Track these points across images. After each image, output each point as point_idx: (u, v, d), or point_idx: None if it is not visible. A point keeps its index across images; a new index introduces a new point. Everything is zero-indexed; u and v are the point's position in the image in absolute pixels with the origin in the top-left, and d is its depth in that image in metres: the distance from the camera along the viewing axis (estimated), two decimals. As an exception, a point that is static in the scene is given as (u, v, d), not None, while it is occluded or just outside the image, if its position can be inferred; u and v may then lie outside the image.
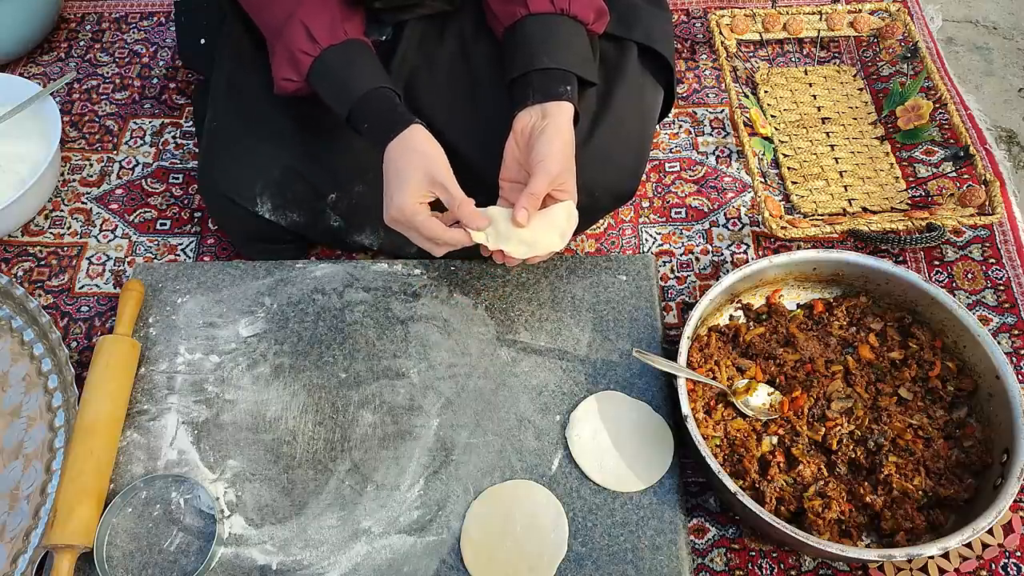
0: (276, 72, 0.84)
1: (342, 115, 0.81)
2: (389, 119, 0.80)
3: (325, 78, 0.82)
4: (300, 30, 0.81)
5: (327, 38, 0.81)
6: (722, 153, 1.13)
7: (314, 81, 0.82)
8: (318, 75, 0.82)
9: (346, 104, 0.81)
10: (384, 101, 0.81)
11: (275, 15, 0.83)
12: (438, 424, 0.85)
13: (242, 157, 0.91)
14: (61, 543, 0.75)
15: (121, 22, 1.32)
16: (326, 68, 0.81)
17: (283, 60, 0.82)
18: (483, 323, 0.91)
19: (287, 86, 0.84)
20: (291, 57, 0.82)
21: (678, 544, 0.77)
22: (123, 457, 0.83)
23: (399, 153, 0.78)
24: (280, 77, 0.84)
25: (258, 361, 0.89)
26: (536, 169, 0.78)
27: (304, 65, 0.82)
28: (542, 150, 0.78)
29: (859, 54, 1.23)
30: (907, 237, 0.95)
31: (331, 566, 0.77)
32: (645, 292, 0.93)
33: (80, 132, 1.18)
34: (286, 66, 0.82)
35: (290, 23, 0.81)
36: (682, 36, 1.27)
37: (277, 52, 0.83)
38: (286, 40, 0.81)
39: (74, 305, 1.00)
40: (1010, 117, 1.23)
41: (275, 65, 0.84)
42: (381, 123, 0.80)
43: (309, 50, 0.81)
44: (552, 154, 0.78)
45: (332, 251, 1.02)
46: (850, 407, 0.83)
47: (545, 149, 0.78)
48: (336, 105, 0.82)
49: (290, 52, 0.81)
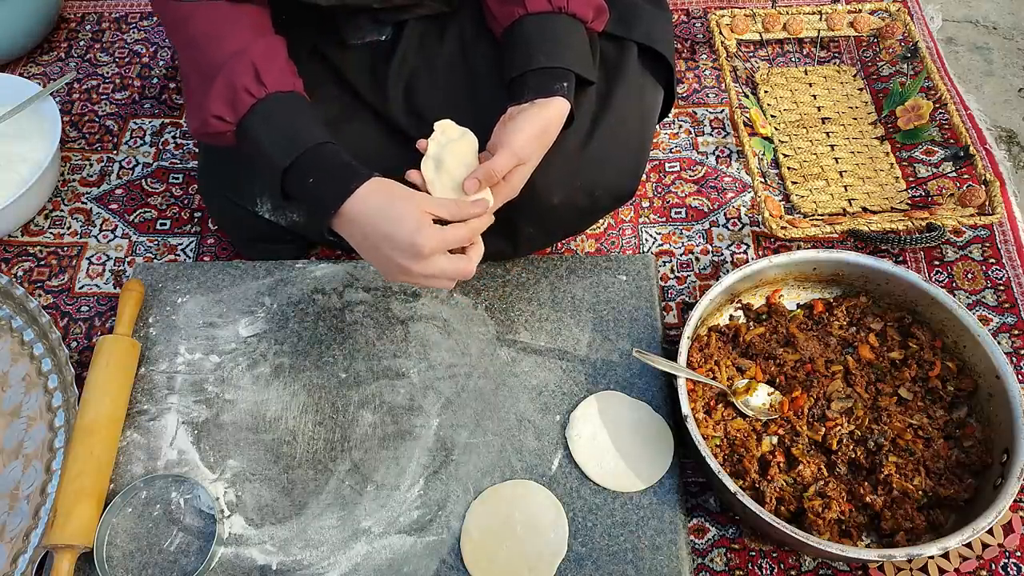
0: (207, 108, 0.74)
1: (280, 164, 0.73)
2: (346, 171, 0.73)
3: (267, 123, 0.73)
4: (248, 68, 0.73)
5: (275, 84, 0.74)
6: (722, 153, 1.13)
7: (252, 124, 0.73)
8: (258, 118, 0.73)
9: (291, 153, 0.72)
10: (338, 155, 0.74)
11: (220, 51, 0.74)
12: (438, 424, 0.85)
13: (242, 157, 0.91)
14: (61, 543, 0.75)
15: (121, 22, 1.32)
16: (269, 113, 0.74)
17: (219, 96, 0.73)
18: (483, 323, 0.91)
19: (215, 126, 0.74)
20: (231, 94, 0.73)
21: (678, 544, 0.78)
22: (123, 457, 0.83)
23: (379, 199, 0.71)
24: (211, 114, 0.74)
25: (258, 361, 0.89)
26: (503, 146, 0.75)
27: (244, 106, 0.73)
28: (514, 128, 0.75)
29: (859, 54, 1.23)
30: (907, 237, 0.95)
31: (331, 566, 0.77)
32: (645, 292, 0.93)
33: (80, 132, 1.18)
34: (221, 103, 0.73)
35: (238, 59, 0.73)
36: (682, 36, 1.27)
37: (215, 87, 0.73)
38: (229, 75, 0.73)
39: (74, 305, 1.00)
40: (1010, 117, 1.23)
41: (209, 101, 0.73)
42: (336, 174, 0.73)
43: (254, 90, 0.73)
44: (523, 135, 0.75)
45: (332, 251, 1.02)
46: (850, 407, 0.83)
47: (518, 129, 0.75)
48: (276, 153, 0.73)
49: (231, 88, 0.73)
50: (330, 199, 0.72)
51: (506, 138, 0.75)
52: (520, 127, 0.75)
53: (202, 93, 0.74)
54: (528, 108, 0.77)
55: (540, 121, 0.76)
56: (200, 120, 0.75)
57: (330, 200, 0.72)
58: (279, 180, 0.74)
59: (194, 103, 0.76)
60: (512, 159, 0.75)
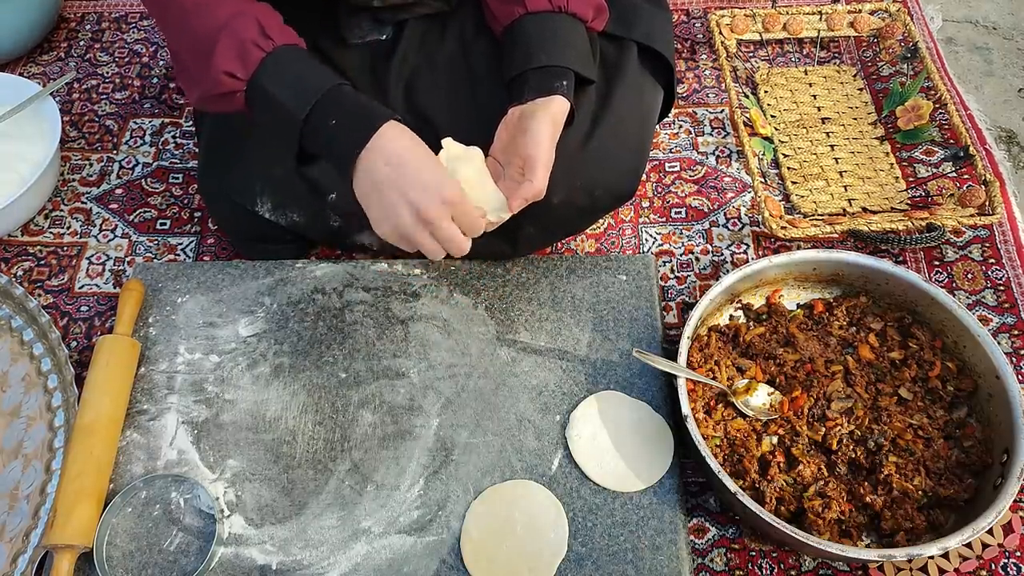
0: (216, 67, 0.72)
1: (298, 114, 0.72)
2: (367, 111, 0.72)
3: (279, 75, 0.72)
4: (253, 23, 0.72)
5: (281, 38, 0.73)
6: (722, 153, 1.13)
7: (264, 77, 0.72)
8: (269, 72, 0.72)
9: (309, 98, 0.71)
10: (357, 95, 0.74)
11: (216, 16, 0.72)
12: (438, 424, 0.85)
13: (242, 156, 0.91)
14: (61, 543, 0.75)
15: (121, 22, 1.32)
16: (280, 65, 0.72)
17: (228, 53, 0.71)
18: (483, 323, 0.91)
19: (226, 84, 0.73)
20: (240, 48, 0.71)
21: (678, 544, 0.77)
22: (123, 457, 0.83)
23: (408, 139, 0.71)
24: (222, 71, 0.72)
25: (258, 361, 0.89)
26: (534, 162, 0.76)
27: (254, 58, 0.71)
28: (534, 140, 0.76)
29: (859, 54, 1.23)
30: (907, 237, 0.95)
31: (331, 566, 0.77)
32: (645, 292, 0.93)
33: (80, 132, 1.18)
34: (231, 59, 0.71)
35: (240, 18, 0.72)
36: (682, 36, 1.27)
37: (220, 46, 0.71)
38: (234, 32, 0.71)
39: (74, 305, 1.00)
40: (1010, 117, 1.23)
41: (216, 59, 0.71)
42: (358, 115, 0.72)
43: (262, 44, 0.72)
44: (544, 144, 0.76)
45: (332, 251, 1.02)
46: (850, 407, 0.83)
47: (537, 141, 0.76)
48: (293, 103, 0.72)
49: (240, 42, 0.71)
50: (357, 136, 0.70)
51: (534, 151, 0.76)
52: (538, 138, 0.76)
53: (204, 57, 0.72)
54: (535, 112, 0.77)
55: (550, 123, 0.77)
56: (210, 81, 0.73)
57: (357, 136, 0.70)
58: (297, 134, 0.72)
59: (196, 69, 0.74)
60: (547, 172, 0.77)
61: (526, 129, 0.77)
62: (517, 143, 0.78)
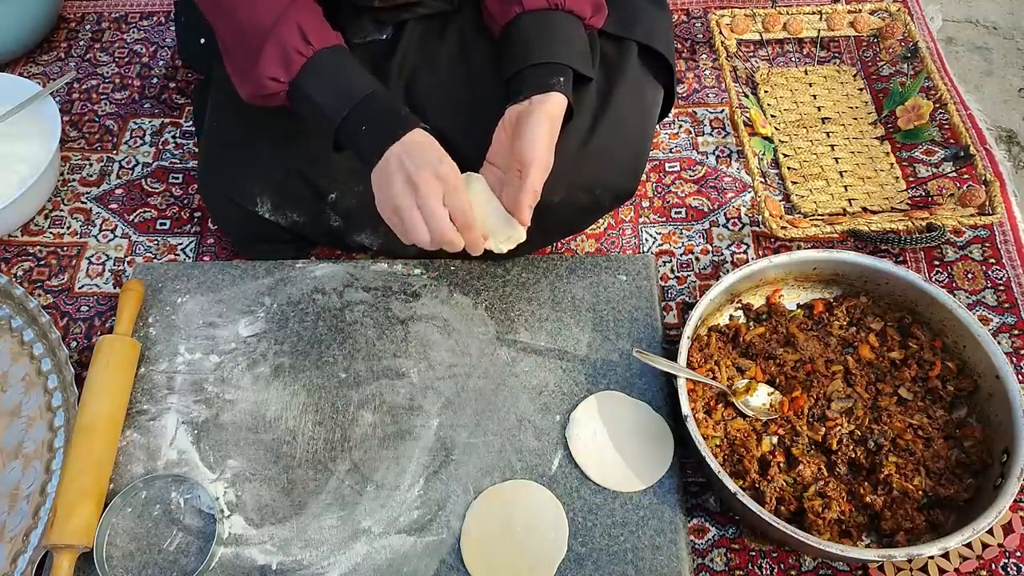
0: (262, 72, 0.78)
1: (335, 118, 0.77)
2: (395, 118, 0.78)
3: (318, 80, 0.78)
4: (294, 30, 0.78)
5: (319, 41, 0.79)
6: (722, 153, 1.13)
7: (305, 82, 0.78)
8: (310, 77, 0.78)
9: (345, 105, 0.78)
10: (389, 101, 0.79)
11: (261, 15, 0.78)
12: (438, 424, 0.85)
13: (242, 157, 0.91)
14: (61, 543, 0.75)
15: (121, 22, 1.32)
16: (320, 70, 0.78)
17: (272, 60, 0.78)
18: (483, 323, 0.91)
19: (271, 87, 0.79)
20: (283, 56, 0.77)
21: (678, 544, 0.77)
22: (123, 457, 0.83)
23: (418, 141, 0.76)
24: (267, 76, 0.78)
25: (258, 361, 0.89)
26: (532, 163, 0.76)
27: (296, 65, 0.78)
28: (530, 141, 0.76)
29: (859, 54, 1.23)
30: (907, 237, 0.95)
31: (331, 566, 0.77)
32: (645, 292, 0.93)
33: (80, 132, 1.18)
34: (276, 65, 0.78)
35: (283, 22, 0.78)
36: (682, 36, 1.27)
37: (265, 52, 0.78)
38: (277, 39, 0.77)
39: (74, 305, 1.00)
40: (1010, 117, 1.23)
41: (262, 65, 0.78)
42: (386, 121, 0.77)
43: (303, 50, 0.77)
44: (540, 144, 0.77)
45: (332, 251, 1.02)
46: (850, 407, 0.83)
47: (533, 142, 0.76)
48: (330, 107, 0.78)
49: (283, 50, 0.77)
50: (383, 140, 0.76)
51: (529, 154, 0.76)
52: (534, 141, 0.76)
53: (251, 59, 0.79)
54: (531, 113, 0.77)
55: (547, 123, 0.77)
56: (254, 83, 0.79)
57: (383, 140, 0.76)
58: (333, 134, 0.78)
59: (245, 66, 0.80)
60: (544, 173, 0.77)
61: (522, 132, 0.77)
62: (514, 146, 0.78)
